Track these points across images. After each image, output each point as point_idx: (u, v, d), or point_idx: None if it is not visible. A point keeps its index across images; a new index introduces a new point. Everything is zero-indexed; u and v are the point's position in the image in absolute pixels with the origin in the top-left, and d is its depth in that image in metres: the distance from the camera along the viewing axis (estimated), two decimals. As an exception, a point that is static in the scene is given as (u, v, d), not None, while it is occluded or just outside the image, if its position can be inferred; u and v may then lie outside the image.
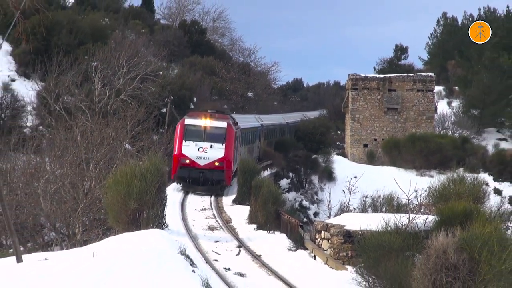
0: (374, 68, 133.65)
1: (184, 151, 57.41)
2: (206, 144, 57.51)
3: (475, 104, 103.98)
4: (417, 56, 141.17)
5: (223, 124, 58.65)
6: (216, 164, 57.46)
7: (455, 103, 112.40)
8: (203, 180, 57.22)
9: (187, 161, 57.26)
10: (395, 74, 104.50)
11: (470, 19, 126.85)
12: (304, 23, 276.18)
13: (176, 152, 57.92)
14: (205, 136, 57.76)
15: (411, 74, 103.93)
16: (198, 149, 57.45)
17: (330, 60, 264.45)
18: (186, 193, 57.17)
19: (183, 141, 57.51)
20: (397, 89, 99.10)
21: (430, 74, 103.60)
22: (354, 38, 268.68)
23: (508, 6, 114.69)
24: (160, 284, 23.59)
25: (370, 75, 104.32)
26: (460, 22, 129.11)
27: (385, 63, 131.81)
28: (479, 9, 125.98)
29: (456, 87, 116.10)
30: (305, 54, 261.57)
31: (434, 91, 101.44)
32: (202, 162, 57.28)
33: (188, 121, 58.58)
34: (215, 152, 57.51)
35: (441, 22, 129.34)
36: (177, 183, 58.87)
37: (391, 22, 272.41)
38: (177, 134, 58.65)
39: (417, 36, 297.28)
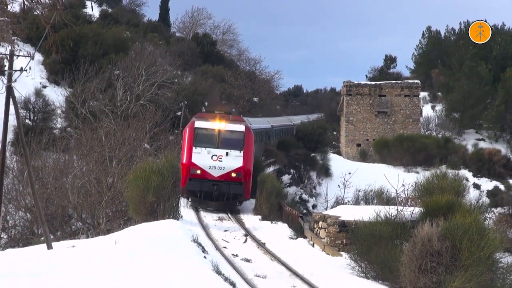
0: (366, 76, 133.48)
1: (195, 159, 45.48)
2: (221, 151, 45.58)
3: (456, 108, 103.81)
4: (404, 65, 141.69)
5: (240, 127, 46.70)
6: (233, 175, 45.37)
7: (438, 107, 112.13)
8: (217, 194, 45.31)
9: (198, 172, 45.38)
10: (384, 81, 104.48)
11: (452, 32, 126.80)
12: (303, 37, 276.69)
13: (184, 161, 45.59)
14: (219, 141, 45.90)
15: (399, 81, 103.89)
16: (211, 157, 45.50)
17: (326, 69, 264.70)
18: (196, 210, 45.96)
19: (193, 148, 45.61)
20: (387, 94, 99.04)
21: (416, 81, 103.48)
22: (348, 50, 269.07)
23: (485, 20, 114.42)
24: (176, 268, 23.55)
25: (363, 82, 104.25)
26: (443, 34, 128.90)
27: (376, 72, 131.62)
28: (460, 24, 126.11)
29: (439, 93, 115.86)
30: (304, 64, 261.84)
31: (419, 96, 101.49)
32: (216, 173, 45.41)
33: (199, 123, 46.40)
34: (232, 160, 45.52)
35: (426, 35, 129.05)
36: (186, 198, 46.68)
37: (381, 35, 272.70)
38: (185, 139, 46.73)
39: (405, 47, 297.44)
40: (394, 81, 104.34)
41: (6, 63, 35.05)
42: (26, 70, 33.33)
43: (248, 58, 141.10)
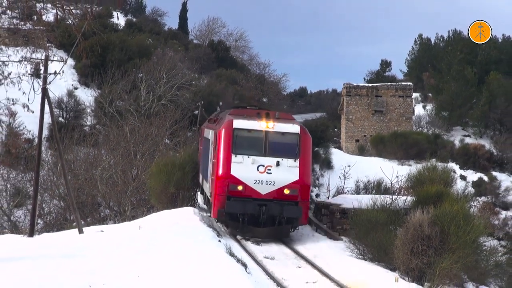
0: (364, 78, 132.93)
1: (235, 171, 30.33)
2: (270, 160, 30.48)
3: (445, 108, 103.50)
4: (398, 69, 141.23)
5: (294, 127, 31.46)
6: (287, 192, 30.35)
7: (429, 107, 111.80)
8: (266, 218, 30.36)
9: (240, 188, 30.26)
10: (381, 84, 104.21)
11: (441, 39, 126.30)
12: (308, 44, 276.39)
13: (220, 173, 30.42)
14: (267, 147, 30.81)
15: (394, 84, 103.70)
16: (257, 169, 30.45)
17: (328, 72, 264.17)
18: (234, 239, 30.99)
19: (232, 156, 30.52)
20: (383, 95, 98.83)
21: (409, 83, 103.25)
22: (348, 55, 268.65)
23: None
24: (194, 250, 23.63)
25: (361, 84, 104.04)
26: (433, 41, 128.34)
27: (373, 75, 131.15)
28: (448, 31, 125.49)
29: (430, 94, 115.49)
30: (308, 68, 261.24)
31: (412, 97, 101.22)
32: (263, 189, 30.28)
33: (239, 123, 31.12)
34: (285, 172, 30.41)
35: (418, 42, 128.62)
36: (221, 222, 32.68)
37: (377, 42, 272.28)
38: (219, 143, 31.00)
39: (399, 53, 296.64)
40: (389, 83, 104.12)
41: (42, 67, 35.15)
42: (59, 74, 33.44)
43: (258, 62, 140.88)
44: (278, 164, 30.40)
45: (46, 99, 32.85)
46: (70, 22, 29.83)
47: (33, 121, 58.13)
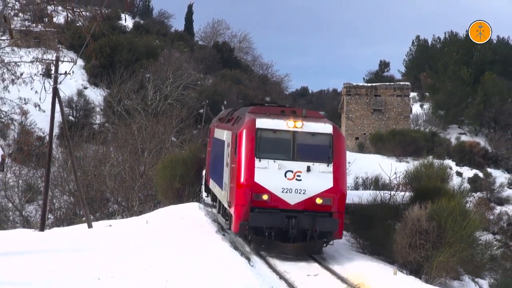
0: (364, 78, 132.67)
1: (260, 178, 24.66)
2: (299, 165, 24.85)
3: (441, 106, 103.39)
4: (396, 69, 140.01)
5: (326, 127, 25.67)
6: (319, 201, 24.61)
7: (426, 106, 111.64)
8: (295, 232, 24.53)
9: (265, 197, 24.53)
10: (379, 83, 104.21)
11: (438, 40, 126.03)
12: (309, 45, 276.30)
13: (242, 180, 24.75)
14: (295, 149, 25.12)
15: (392, 83, 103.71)
16: (285, 175, 24.73)
17: (329, 72, 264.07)
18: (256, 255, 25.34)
19: (256, 160, 24.84)
20: (381, 94, 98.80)
21: (406, 83, 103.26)
22: (348, 56, 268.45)
23: (466, 31, 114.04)
24: (200, 243, 23.59)
25: (360, 84, 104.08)
26: (430, 43, 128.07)
27: (372, 75, 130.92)
28: (445, 33, 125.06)
29: (427, 93, 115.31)
30: (310, 68, 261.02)
31: (409, 96, 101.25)
32: (292, 199, 24.56)
33: (262, 122, 25.45)
34: (317, 179, 24.74)
35: (415, 43, 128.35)
36: (243, 237, 26.39)
37: (376, 44, 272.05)
38: (240, 146, 25.34)
39: (397, 54, 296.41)
40: (388, 83, 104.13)
41: (53, 68, 35.16)
42: (69, 74, 33.47)
43: (261, 63, 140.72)
44: (308, 169, 24.72)
45: (57, 99, 32.85)
46: (80, 24, 29.77)
47: (44, 120, 58.24)
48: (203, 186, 38.38)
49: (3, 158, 20.50)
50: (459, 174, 78.85)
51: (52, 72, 34.94)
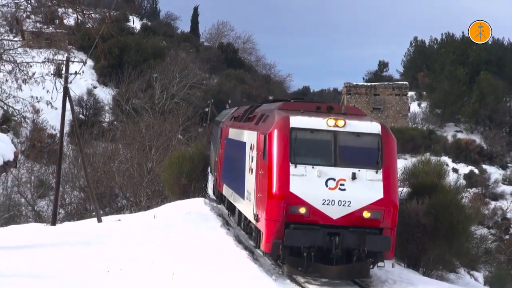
0: (363, 78, 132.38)
1: (296, 188, 19.34)
2: (343, 172, 19.64)
3: (438, 105, 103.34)
4: (395, 69, 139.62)
5: (373, 127, 20.59)
6: (367, 215, 19.46)
7: (423, 104, 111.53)
8: (340, 252, 19.28)
9: (303, 211, 19.23)
10: (378, 83, 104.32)
11: (435, 41, 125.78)
12: (310, 46, 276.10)
13: (275, 190, 19.46)
14: (337, 153, 19.87)
15: (391, 83, 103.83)
16: (326, 184, 19.44)
17: (330, 72, 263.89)
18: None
19: (291, 166, 19.54)
20: (380, 94, 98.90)
21: (404, 82, 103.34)
22: (348, 56, 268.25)
23: (463, 32, 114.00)
24: (205, 237, 23.61)
25: (360, 84, 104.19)
26: (427, 43, 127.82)
27: (371, 75, 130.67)
28: (442, 34, 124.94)
29: (424, 92, 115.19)
30: (311, 68, 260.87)
31: (407, 95, 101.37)
32: (335, 213, 19.35)
33: (297, 121, 20.20)
34: (364, 189, 19.57)
35: (413, 44, 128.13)
36: (277, 259, 21.29)
37: (376, 44, 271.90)
38: (271, 148, 20.08)
39: (395, 54, 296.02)
40: (387, 83, 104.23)
41: (64, 68, 35.18)
42: (79, 74, 33.46)
43: (264, 63, 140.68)
44: (354, 177, 19.59)
45: (67, 97, 32.88)
46: (90, 25, 29.76)
47: (55, 118, 58.16)
48: (208, 183, 38.26)
49: (16, 155, 20.49)
50: (455, 170, 78.82)
51: (63, 72, 34.93)
